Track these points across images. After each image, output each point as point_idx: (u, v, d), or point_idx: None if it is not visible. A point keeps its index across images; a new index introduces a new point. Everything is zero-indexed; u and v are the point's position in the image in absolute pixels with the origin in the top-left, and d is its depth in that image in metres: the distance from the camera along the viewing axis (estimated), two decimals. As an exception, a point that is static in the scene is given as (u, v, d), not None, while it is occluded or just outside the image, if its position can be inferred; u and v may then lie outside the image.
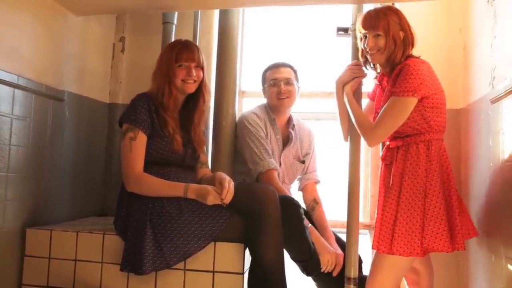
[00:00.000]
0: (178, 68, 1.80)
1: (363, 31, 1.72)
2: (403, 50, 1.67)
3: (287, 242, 1.74)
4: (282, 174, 2.13)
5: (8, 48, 1.82)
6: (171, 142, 1.76)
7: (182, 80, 1.80)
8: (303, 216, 1.80)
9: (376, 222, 1.68)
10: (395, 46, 1.67)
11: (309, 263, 1.82)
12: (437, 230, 1.57)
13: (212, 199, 1.65)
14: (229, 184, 1.67)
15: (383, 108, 1.66)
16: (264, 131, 2.10)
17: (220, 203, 1.66)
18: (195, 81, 1.81)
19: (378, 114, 1.74)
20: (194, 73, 1.80)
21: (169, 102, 1.79)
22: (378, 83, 1.84)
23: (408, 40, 1.68)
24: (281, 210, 1.70)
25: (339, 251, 1.90)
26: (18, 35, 1.88)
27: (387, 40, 1.66)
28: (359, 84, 1.87)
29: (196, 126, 1.88)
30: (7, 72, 1.79)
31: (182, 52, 1.80)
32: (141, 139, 1.73)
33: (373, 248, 1.68)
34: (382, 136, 1.67)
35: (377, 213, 1.70)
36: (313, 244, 1.84)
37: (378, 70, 1.82)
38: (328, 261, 1.85)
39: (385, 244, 1.61)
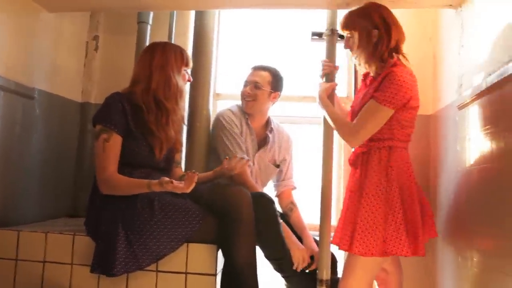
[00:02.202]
0: (184, 71, 1.86)
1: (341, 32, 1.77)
2: (379, 49, 1.68)
3: (261, 239, 1.76)
4: (255, 175, 2.14)
5: (-24, 43, 1.77)
6: (157, 148, 1.75)
7: (185, 83, 1.88)
8: (277, 212, 1.81)
9: (338, 220, 1.73)
10: (366, 45, 1.69)
11: (283, 261, 1.83)
12: (396, 234, 1.61)
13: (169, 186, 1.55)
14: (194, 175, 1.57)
15: (364, 110, 1.68)
16: (239, 128, 2.12)
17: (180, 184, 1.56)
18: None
19: (355, 106, 1.79)
20: (191, 77, 1.91)
21: (181, 101, 1.83)
22: (363, 78, 1.87)
23: (384, 39, 1.68)
24: (255, 206, 1.71)
25: (317, 248, 1.93)
26: (-13, 30, 1.83)
27: (357, 39, 1.71)
28: (333, 89, 1.91)
29: (178, 128, 1.88)
30: (-26, 67, 1.74)
31: (189, 59, 1.89)
32: (115, 140, 1.70)
33: (333, 243, 1.72)
34: (363, 138, 1.70)
35: (340, 212, 1.74)
36: None
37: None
38: (299, 257, 1.87)
39: (345, 242, 1.66)
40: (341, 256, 2.19)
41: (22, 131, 2.04)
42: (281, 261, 1.84)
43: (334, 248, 1.83)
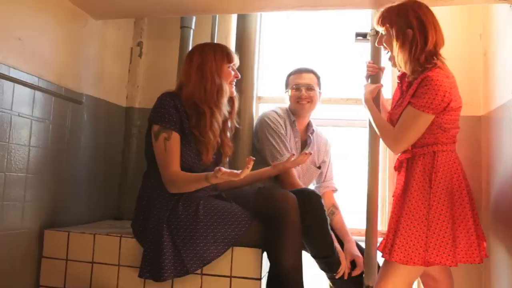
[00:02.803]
0: (228, 69, 1.81)
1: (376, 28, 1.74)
2: (414, 50, 1.62)
3: (309, 236, 1.73)
4: (298, 176, 2.12)
5: (29, 49, 1.84)
6: (202, 149, 1.73)
7: (230, 82, 1.81)
8: (325, 208, 1.78)
9: (387, 228, 1.69)
10: (402, 44, 1.63)
11: (331, 259, 1.80)
12: (440, 243, 1.56)
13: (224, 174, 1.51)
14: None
15: (403, 117, 1.64)
16: (284, 129, 2.11)
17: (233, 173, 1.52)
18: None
19: (392, 114, 1.74)
20: (239, 74, 1.84)
21: (223, 102, 1.77)
22: (398, 81, 1.82)
23: (418, 41, 1.62)
24: (304, 201, 1.69)
25: (358, 253, 1.91)
26: (39, 37, 1.90)
27: (389, 38, 1.66)
28: (379, 91, 1.86)
29: (227, 130, 1.87)
30: (28, 73, 1.81)
31: (230, 53, 1.82)
32: (175, 138, 1.69)
33: (378, 249, 1.68)
34: (405, 146, 1.67)
35: (388, 220, 1.70)
36: None
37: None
38: (342, 268, 1.84)
39: (386, 250, 1.62)
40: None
41: (71, 136, 2.11)
42: (328, 259, 1.80)
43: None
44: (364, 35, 2.03)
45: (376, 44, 1.81)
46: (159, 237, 1.64)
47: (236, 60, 1.85)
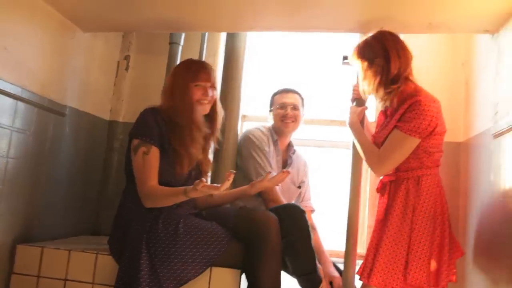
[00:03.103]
0: (195, 87, 1.78)
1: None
2: (382, 77, 1.67)
3: (292, 251, 1.72)
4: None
5: (14, 59, 1.81)
6: (180, 162, 1.72)
7: (197, 100, 1.77)
8: (308, 223, 1.77)
9: (366, 251, 1.69)
10: (371, 73, 1.69)
11: (314, 276, 1.77)
12: (420, 267, 1.57)
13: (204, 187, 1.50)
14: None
15: (389, 140, 1.66)
16: (268, 147, 2.13)
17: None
18: (209, 101, 1.80)
19: (377, 137, 1.76)
20: (210, 93, 1.79)
21: (197, 118, 1.77)
22: (382, 109, 1.85)
23: (384, 68, 1.66)
24: (285, 216, 1.69)
25: (336, 274, 1.91)
26: (25, 48, 1.88)
27: (362, 68, 1.71)
28: (363, 114, 1.88)
29: (207, 148, 1.86)
30: (11, 83, 1.78)
31: (199, 71, 1.79)
32: (154, 153, 1.68)
33: (357, 273, 1.68)
34: (388, 169, 1.69)
35: (369, 243, 1.70)
36: None
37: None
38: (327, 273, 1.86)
39: (365, 274, 1.62)
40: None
41: (51, 148, 2.07)
42: (311, 275, 1.77)
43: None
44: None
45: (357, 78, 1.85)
46: (136, 254, 1.61)
47: (203, 79, 1.78)
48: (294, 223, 1.72)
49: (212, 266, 1.67)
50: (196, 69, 1.79)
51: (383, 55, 1.68)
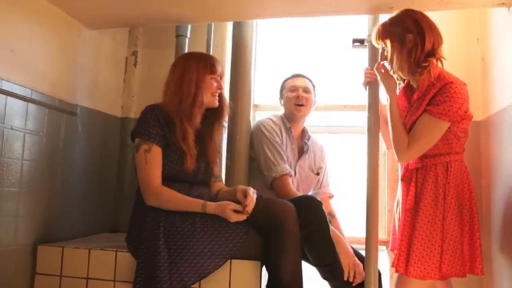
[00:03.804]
0: (211, 80, 1.77)
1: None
2: (414, 54, 1.60)
3: (311, 244, 1.70)
4: (297, 184, 2.10)
5: (22, 61, 1.81)
6: (184, 158, 1.70)
7: (213, 93, 1.77)
8: (326, 215, 1.74)
9: (398, 243, 1.65)
10: (400, 51, 1.62)
11: (334, 266, 1.75)
12: (454, 255, 1.54)
13: (233, 214, 1.60)
14: (253, 194, 1.64)
15: (418, 124, 1.61)
16: (280, 137, 2.08)
17: (242, 214, 1.60)
18: (219, 94, 1.80)
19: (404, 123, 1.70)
20: (222, 84, 1.80)
21: (197, 113, 1.74)
22: (403, 91, 1.79)
23: (418, 43, 1.59)
24: (303, 208, 1.65)
25: (358, 261, 1.84)
26: (32, 48, 1.87)
27: (390, 47, 1.64)
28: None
29: (215, 139, 1.85)
30: (20, 86, 1.78)
31: (215, 65, 1.78)
32: (156, 151, 1.68)
33: (392, 266, 1.63)
34: (415, 155, 1.63)
35: (399, 233, 1.65)
36: None
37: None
38: (349, 264, 1.78)
39: (402, 265, 1.58)
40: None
41: (65, 148, 2.07)
42: (331, 266, 1.75)
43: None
44: (361, 41, 2.01)
45: (379, 60, 1.79)
46: (154, 248, 1.60)
47: (219, 71, 1.81)
48: (312, 215, 1.69)
49: (231, 258, 1.66)
50: (211, 62, 1.79)
51: (416, 30, 1.60)
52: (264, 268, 1.67)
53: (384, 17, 1.79)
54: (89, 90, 2.29)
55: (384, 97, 2.42)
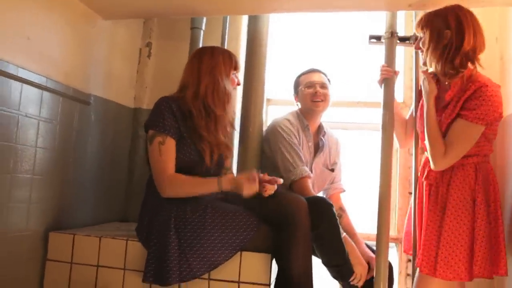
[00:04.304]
0: (232, 76, 1.83)
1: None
2: (448, 51, 1.57)
3: (321, 246, 1.70)
4: (312, 182, 2.08)
5: (38, 49, 1.82)
6: (206, 153, 1.70)
7: (234, 88, 1.85)
8: (337, 217, 1.73)
9: (423, 243, 1.62)
10: (436, 45, 1.59)
11: (344, 268, 1.75)
12: (485, 256, 1.52)
13: (248, 187, 1.60)
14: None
15: (454, 130, 1.58)
16: (297, 137, 2.06)
17: (256, 190, 1.60)
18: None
19: (419, 123, 1.68)
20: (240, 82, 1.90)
21: (230, 106, 1.79)
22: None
23: (454, 42, 1.56)
24: (314, 210, 1.64)
25: (372, 254, 1.87)
26: (48, 37, 1.87)
27: (428, 38, 1.61)
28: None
29: (230, 134, 1.87)
30: (36, 73, 1.78)
31: (238, 61, 1.85)
32: (170, 143, 1.68)
33: (417, 266, 1.61)
34: (452, 162, 1.59)
35: (423, 233, 1.63)
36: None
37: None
38: (361, 274, 1.79)
39: (429, 266, 1.56)
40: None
41: (78, 137, 2.08)
42: (340, 267, 1.76)
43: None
44: (378, 38, 1.99)
45: (414, 48, 1.77)
46: (165, 239, 1.61)
47: (239, 68, 1.88)
48: (322, 217, 1.68)
49: (241, 250, 1.66)
50: (235, 58, 1.84)
51: (456, 28, 1.57)
52: (274, 261, 1.66)
53: (402, 13, 1.78)
54: (103, 80, 2.29)
55: (399, 95, 2.41)
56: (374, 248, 1.79)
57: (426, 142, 1.64)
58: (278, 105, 2.61)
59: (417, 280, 1.65)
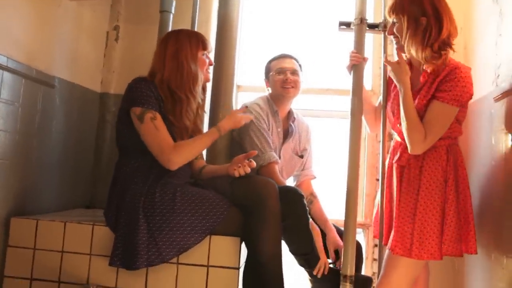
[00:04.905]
0: (202, 56, 1.79)
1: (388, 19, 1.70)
2: (428, 37, 1.58)
3: (289, 235, 1.70)
4: (281, 168, 2.08)
5: (-3, 27, 1.74)
6: (176, 134, 1.68)
7: (206, 69, 1.80)
8: (307, 207, 1.74)
9: (394, 224, 1.65)
10: (414, 31, 1.60)
11: (310, 256, 1.77)
12: (454, 236, 1.57)
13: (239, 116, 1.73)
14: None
15: (430, 113, 1.59)
16: (267, 122, 2.05)
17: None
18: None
19: (390, 106, 1.70)
20: (212, 61, 1.85)
21: (198, 90, 1.75)
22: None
23: (433, 28, 1.58)
24: (285, 200, 1.65)
25: (341, 243, 1.85)
26: (8, 15, 1.79)
27: (405, 25, 1.62)
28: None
29: (201, 117, 1.84)
30: (-5, 52, 1.71)
31: (205, 40, 1.81)
32: (160, 117, 1.65)
33: (389, 249, 1.64)
34: (430, 145, 1.61)
35: (395, 216, 1.66)
36: None
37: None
38: (321, 265, 1.81)
39: (403, 247, 1.59)
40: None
41: (42, 120, 2.01)
42: (308, 255, 1.78)
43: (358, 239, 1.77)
44: (347, 24, 2.00)
45: (386, 34, 1.79)
46: (134, 223, 1.58)
47: (210, 48, 1.83)
48: (293, 209, 1.69)
49: (211, 234, 1.65)
50: (202, 38, 1.80)
51: (433, 16, 1.59)
52: (243, 245, 1.67)
53: (370, 1, 1.79)
54: (68, 62, 2.22)
55: (367, 83, 2.44)
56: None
57: (404, 126, 1.64)
58: (249, 92, 2.60)
59: (386, 261, 1.68)
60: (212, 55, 2.21)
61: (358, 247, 1.86)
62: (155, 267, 1.62)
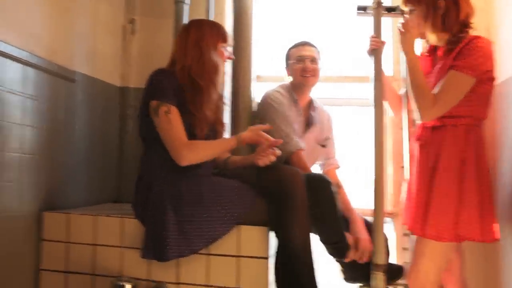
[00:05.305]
0: (222, 48, 1.79)
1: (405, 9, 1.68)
2: (447, 21, 1.59)
3: (319, 223, 1.70)
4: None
5: (18, 23, 1.73)
6: (197, 124, 1.68)
7: (224, 61, 1.81)
8: (335, 194, 1.74)
9: (413, 204, 1.64)
10: (434, 17, 1.59)
11: (341, 245, 1.76)
12: (471, 218, 1.54)
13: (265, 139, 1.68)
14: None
15: (444, 81, 1.58)
16: (289, 110, 2.04)
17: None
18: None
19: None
20: (232, 54, 1.85)
21: (219, 80, 1.75)
22: (427, 55, 1.77)
23: (452, 11, 1.58)
24: (313, 188, 1.65)
25: (364, 235, 1.84)
26: (29, 11, 1.79)
27: (423, 11, 1.61)
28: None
29: (222, 108, 1.85)
30: (18, 48, 1.71)
31: (226, 34, 1.81)
32: (175, 111, 1.64)
33: (408, 229, 1.64)
34: (439, 113, 1.59)
35: (408, 194, 1.66)
36: None
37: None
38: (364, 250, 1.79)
39: (419, 226, 1.58)
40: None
41: (66, 115, 2.03)
42: (338, 244, 1.77)
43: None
44: (364, 9, 1.98)
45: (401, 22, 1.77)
46: (162, 215, 1.60)
47: (230, 42, 1.83)
48: (320, 195, 1.69)
49: (239, 224, 1.66)
50: (223, 30, 1.80)
51: None
52: (272, 234, 1.67)
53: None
54: (87, 57, 2.22)
55: (388, 70, 2.41)
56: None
57: (412, 93, 1.63)
58: (269, 82, 2.58)
59: (414, 249, 1.67)
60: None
61: (384, 239, 1.85)
62: (186, 259, 1.63)
